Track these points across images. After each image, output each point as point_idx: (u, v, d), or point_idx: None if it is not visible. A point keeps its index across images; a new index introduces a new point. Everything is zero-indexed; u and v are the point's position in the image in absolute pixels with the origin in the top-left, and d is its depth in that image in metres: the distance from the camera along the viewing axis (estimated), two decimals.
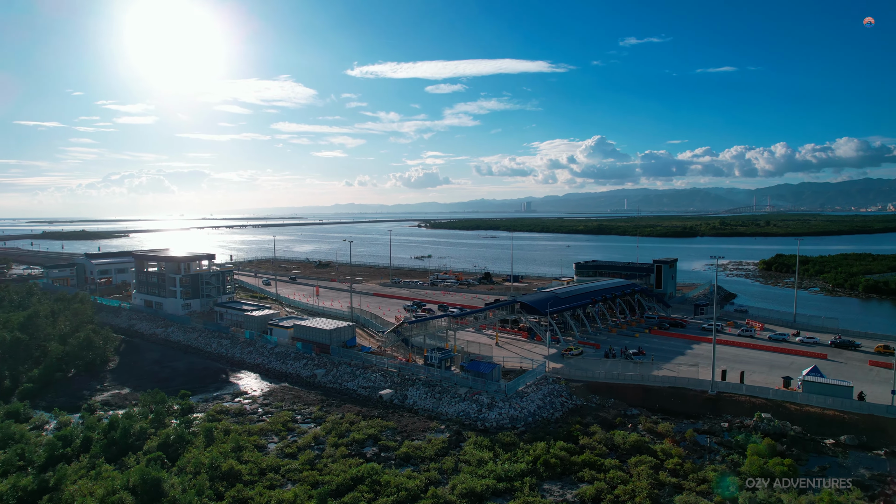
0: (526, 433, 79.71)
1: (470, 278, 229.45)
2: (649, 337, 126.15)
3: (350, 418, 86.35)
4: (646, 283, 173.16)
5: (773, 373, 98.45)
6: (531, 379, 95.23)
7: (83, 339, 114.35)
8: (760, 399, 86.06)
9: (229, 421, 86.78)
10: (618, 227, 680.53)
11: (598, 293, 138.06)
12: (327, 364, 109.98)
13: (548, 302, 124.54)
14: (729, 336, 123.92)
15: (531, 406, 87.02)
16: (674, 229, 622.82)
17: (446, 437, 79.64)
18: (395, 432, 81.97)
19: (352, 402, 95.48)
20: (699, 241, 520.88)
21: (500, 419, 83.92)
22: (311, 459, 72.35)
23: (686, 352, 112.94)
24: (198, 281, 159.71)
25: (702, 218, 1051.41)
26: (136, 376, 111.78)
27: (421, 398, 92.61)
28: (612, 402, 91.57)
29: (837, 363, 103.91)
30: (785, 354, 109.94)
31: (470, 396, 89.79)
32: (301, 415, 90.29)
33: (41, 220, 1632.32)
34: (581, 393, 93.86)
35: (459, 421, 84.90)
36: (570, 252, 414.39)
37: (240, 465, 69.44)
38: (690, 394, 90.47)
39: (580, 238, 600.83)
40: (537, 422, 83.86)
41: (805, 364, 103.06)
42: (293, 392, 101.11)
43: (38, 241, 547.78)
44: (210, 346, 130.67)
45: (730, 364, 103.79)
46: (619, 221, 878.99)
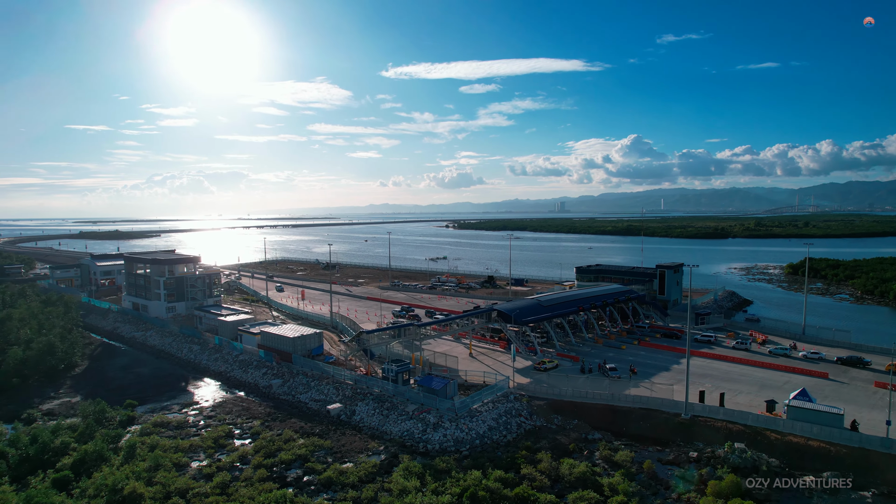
0: (467, 458, 72.66)
1: (472, 282, 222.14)
2: (636, 349, 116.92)
3: (287, 435, 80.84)
4: (648, 290, 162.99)
5: (762, 394, 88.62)
6: (490, 396, 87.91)
7: (45, 344, 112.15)
8: (738, 425, 76.76)
9: (165, 435, 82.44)
10: (647, 228, 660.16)
11: (587, 300, 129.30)
12: (285, 374, 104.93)
13: (525, 310, 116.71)
14: (722, 350, 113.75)
15: (481, 427, 79.80)
16: (705, 230, 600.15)
17: (380, 460, 73.30)
18: (328, 453, 76.04)
19: (300, 415, 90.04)
20: (730, 244, 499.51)
21: (444, 441, 77.01)
22: (225, 482, 66.98)
23: (672, 367, 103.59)
24: (183, 284, 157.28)
25: (737, 218, 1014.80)
26: (95, 383, 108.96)
27: (368, 414, 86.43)
28: (574, 423, 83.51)
29: (838, 384, 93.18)
30: (781, 372, 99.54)
31: (416, 415, 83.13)
32: (241, 429, 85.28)
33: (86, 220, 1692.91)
34: (543, 412, 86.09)
35: (401, 442, 78.38)
36: (590, 254, 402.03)
37: (147, 487, 64.51)
38: (662, 417, 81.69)
39: (606, 239, 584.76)
40: (485, 445, 76.64)
41: (802, 384, 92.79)
42: (244, 403, 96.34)
43: (70, 242, 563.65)
44: (181, 351, 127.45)
45: (716, 382, 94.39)
46: (649, 222, 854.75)
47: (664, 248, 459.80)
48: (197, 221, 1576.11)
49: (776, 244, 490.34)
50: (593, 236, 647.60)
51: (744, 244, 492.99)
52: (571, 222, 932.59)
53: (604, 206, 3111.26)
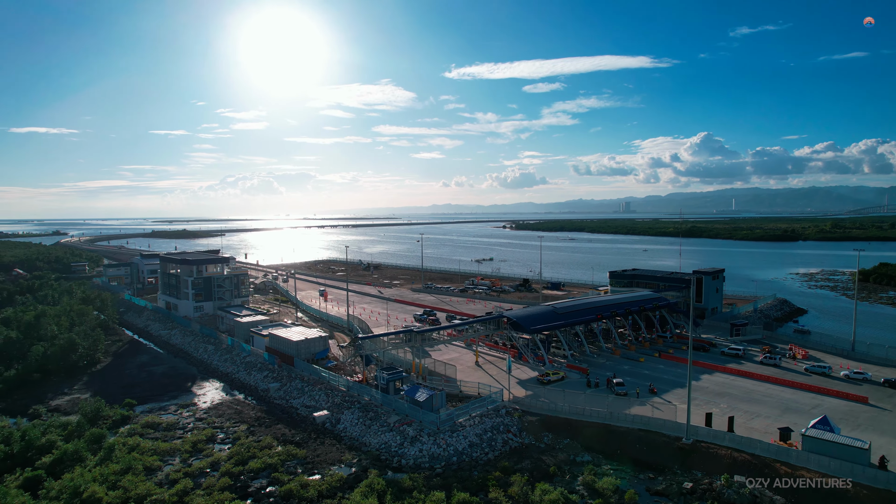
0: (438, 477, 68.48)
1: (507, 285, 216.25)
2: (655, 362, 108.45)
3: (267, 441, 79.38)
4: (685, 297, 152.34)
5: (784, 418, 79.39)
6: (480, 409, 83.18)
7: (66, 341, 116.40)
8: (745, 454, 68.58)
9: (150, 436, 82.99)
10: (710, 230, 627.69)
11: (608, 308, 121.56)
12: (284, 378, 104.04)
13: (536, 318, 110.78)
14: (751, 366, 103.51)
15: (461, 443, 75.28)
16: (773, 233, 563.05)
17: (349, 473, 70.30)
18: (300, 462, 73.84)
19: (288, 421, 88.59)
20: (799, 247, 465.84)
21: (419, 457, 73.09)
22: (186, 489, 65.93)
23: None
24: (210, 284, 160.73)
25: (813, 220, 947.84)
26: (109, 380, 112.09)
27: (352, 424, 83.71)
28: (565, 443, 77.50)
29: (879, 410, 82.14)
30: (813, 394, 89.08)
31: (396, 426, 79.59)
32: (225, 433, 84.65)
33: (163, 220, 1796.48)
34: (534, 429, 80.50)
35: (377, 455, 75.08)
36: (644, 256, 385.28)
37: (109, 491, 64.39)
38: (662, 440, 74.32)
39: (665, 241, 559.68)
40: (462, 463, 72.13)
41: (834, 408, 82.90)
42: (238, 406, 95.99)
43: (140, 240, 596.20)
44: (197, 350, 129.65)
45: (734, 403, 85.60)
46: (715, 223, 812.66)
47: (724, 251, 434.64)
48: (265, 221, 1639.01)
49: (852, 248, 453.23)
50: (653, 238, 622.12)
51: (815, 247, 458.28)
52: (632, 223, 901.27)
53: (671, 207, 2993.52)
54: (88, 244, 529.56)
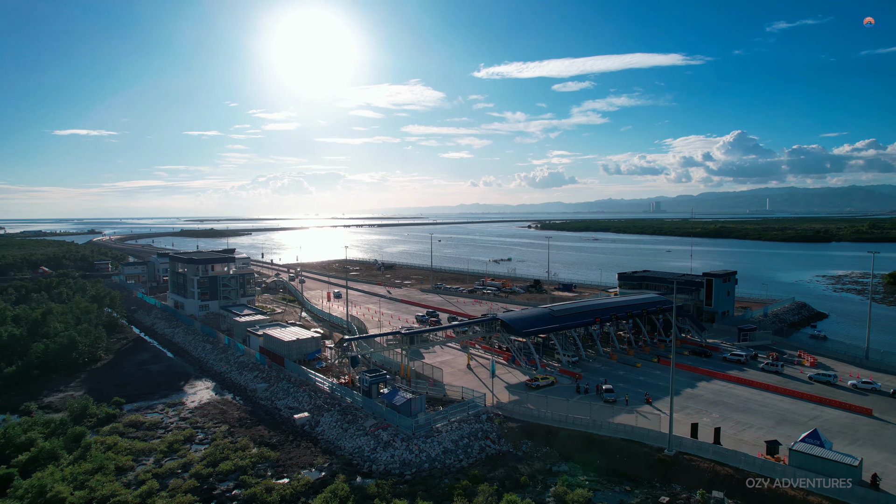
0: (405, 485, 66.71)
1: (517, 286, 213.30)
2: (653, 368, 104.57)
3: (243, 443, 78.81)
4: (695, 300, 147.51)
5: (778, 430, 75.29)
6: (460, 414, 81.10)
7: (67, 338, 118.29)
8: (728, 468, 64.96)
9: (131, 435, 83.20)
10: (739, 231, 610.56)
11: (608, 311, 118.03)
12: (272, 378, 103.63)
13: (530, 321, 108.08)
14: (752, 373, 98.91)
15: (435, 449, 73.34)
16: (806, 233, 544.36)
17: (317, 477, 69.08)
18: (272, 465, 72.98)
19: (269, 422, 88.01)
20: (832, 248, 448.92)
21: (390, 463, 71.42)
22: (151, 490, 65.55)
23: (683, 391, 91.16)
24: (216, 283, 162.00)
25: (851, 220, 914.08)
26: (105, 378, 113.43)
27: (330, 427, 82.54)
28: (544, 451, 74.88)
29: (882, 423, 77.21)
30: (814, 404, 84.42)
31: (371, 431, 78.12)
32: (205, 433, 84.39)
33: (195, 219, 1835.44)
34: (514, 436, 78.05)
35: (349, 459, 73.72)
36: (667, 257, 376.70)
37: (76, 491, 64.48)
38: (644, 451, 71.08)
39: (689, 242, 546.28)
40: (434, 470, 70.18)
41: (834, 420, 78.45)
42: (224, 406, 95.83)
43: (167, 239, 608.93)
44: (196, 349, 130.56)
45: (727, 413, 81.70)
46: (745, 223, 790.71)
47: (751, 251, 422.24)
48: (294, 221, 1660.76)
49: (891, 248, 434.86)
50: (680, 238, 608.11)
51: (849, 249, 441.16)
52: (660, 223, 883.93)
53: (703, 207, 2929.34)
54: (118, 243, 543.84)
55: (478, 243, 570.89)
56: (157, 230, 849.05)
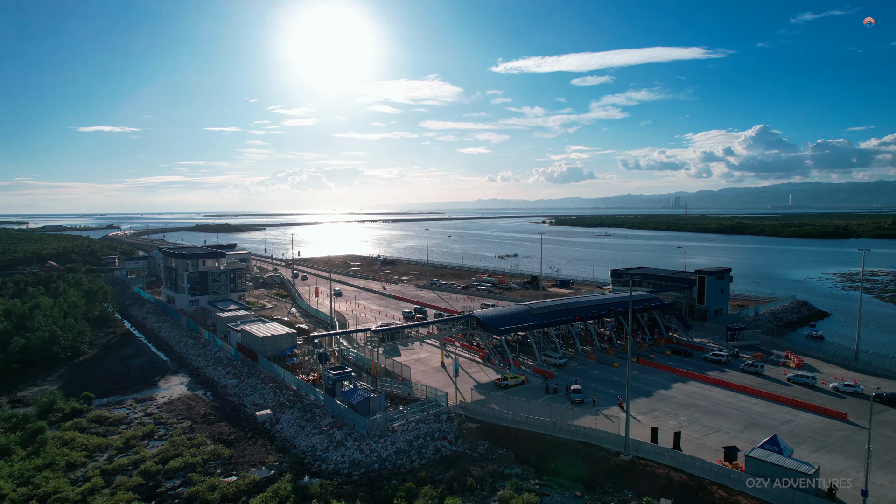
0: (351, 485, 65.31)
1: (514, 282, 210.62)
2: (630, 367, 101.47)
3: (200, 440, 78.15)
4: (687, 298, 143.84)
5: (746, 434, 72.37)
6: (420, 414, 79.48)
7: (48, 333, 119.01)
8: (683, 474, 62.37)
9: (92, 431, 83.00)
10: (756, 227, 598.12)
11: (589, 309, 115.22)
12: (243, 374, 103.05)
13: (504, 319, 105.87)
14: (731, 374, 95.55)
15: (387, 450, 71.80)
16: (824, 229, 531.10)
17: (265, 476, 68.05)
18: (223, 463, 72.18)
19: (232, 419, 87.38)
20: (849, 244, 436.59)
21: (340, 462, 70.09)
22: (95, 487, 65.02)
23: (656, 392, 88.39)
24: (206, 278, 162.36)
25: (875, 216, 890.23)
26: (83, 373, 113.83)
27: (289, 424, 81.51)
28: (500, 453, 72.89)
29: (856, 429, 73.76)
30: (788, 407, 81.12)
31: (326, 429, 76.88)
32: (166, 429, 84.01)
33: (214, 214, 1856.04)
34: (472, 437, 76.17)
35: (301, 458, 72.58)
36: (677, 254, 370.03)
37: (19, 488, 64.25)
38: (600, 454, 68.71)
39: (704, 238, 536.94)
40: (383, 471, 68.66)
41: (808, 424, 75.30)
42: (193, 402, 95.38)
43: (181, 234, 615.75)
44: (179, 344, 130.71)
45: (696, 416, 78.87)
46: (762, 220, 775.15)
47: (764, 248, 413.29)
48: (312, 216, 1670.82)
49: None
50: (694, 234, 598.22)
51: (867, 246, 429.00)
52: (676, 219, 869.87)
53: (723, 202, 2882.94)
54: (133, 238, 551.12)
55: (488, 239, 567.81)
56: (172, 225, 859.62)
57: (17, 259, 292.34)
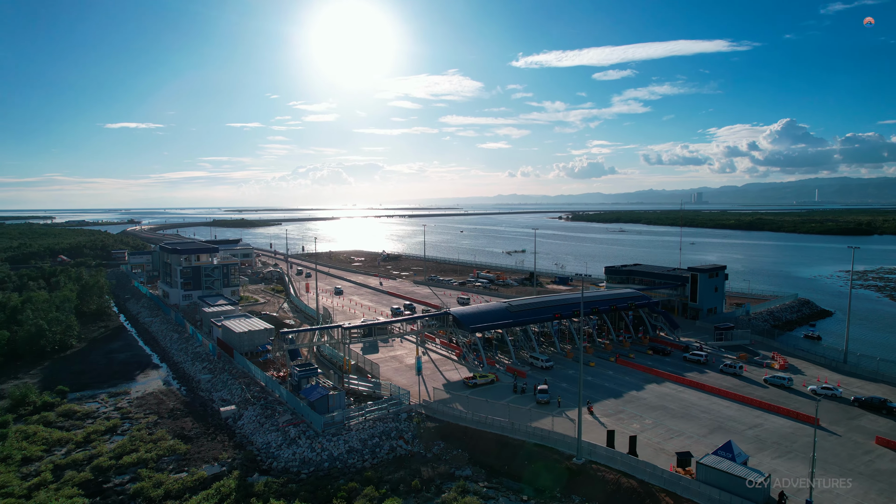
0: (297, 483, 64.51)
1: (512, 278, 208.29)
2: (607, 367, 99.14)
3: (159, 435, 78.26)
4: (680, 296, 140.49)
5: (708, 439, 69.79)
6: (380, 412, 78.43)
7: (34, 326, 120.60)
8: (633, 480, 60.28)
9: (58, 425, 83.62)
10: (775, 223, 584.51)
11: (569, 307, 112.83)
12: (217, 370, 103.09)
13: (480, 316, 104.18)
14: (710, 375, 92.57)
15: (339, 448, 70.89)
16: (846, 225, 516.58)
17: (213, 473, 67.60)
18: (178, 459, 72.02)
19: (198, 414, 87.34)
20: (871, 241, 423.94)
21: (290, 460, 69.39)
22: (43, 482, 65.31)
23: (626, 394, 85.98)
24: (199, 273, 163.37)
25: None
26: (66, 366, 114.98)
27: (250, 421, 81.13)
28: (455, 453, 71.44)
29: (825, 434, 70.60)
30: (759, 410, 78.15)
31: (282, 426, 76.25)
32: (132, 423, 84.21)
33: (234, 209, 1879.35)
34: (429, 437, 74.86)
35: (254, 455, 72.08)
36: (689, 250, 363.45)
37: None
38: (554, 458, 66.81)
39: (721, 234, 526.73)
40: (334, 469, 67.75)
41: (777, 429, 72.46)
42: (164, 397, 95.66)
43: (196, 229, 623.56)
44: (165, 339, 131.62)
45: (661, 419, 76.43)
46: (783, 215, 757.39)
47: (779, 244, 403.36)
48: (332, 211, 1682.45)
49: None
50: (711, 230, 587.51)
51: (890, 242, 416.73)
52: (695, 215, 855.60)
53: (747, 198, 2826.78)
54: (149, 232, 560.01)
55: (499, 234, 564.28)
56: (191, 220, 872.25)
57: (31, 253, 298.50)
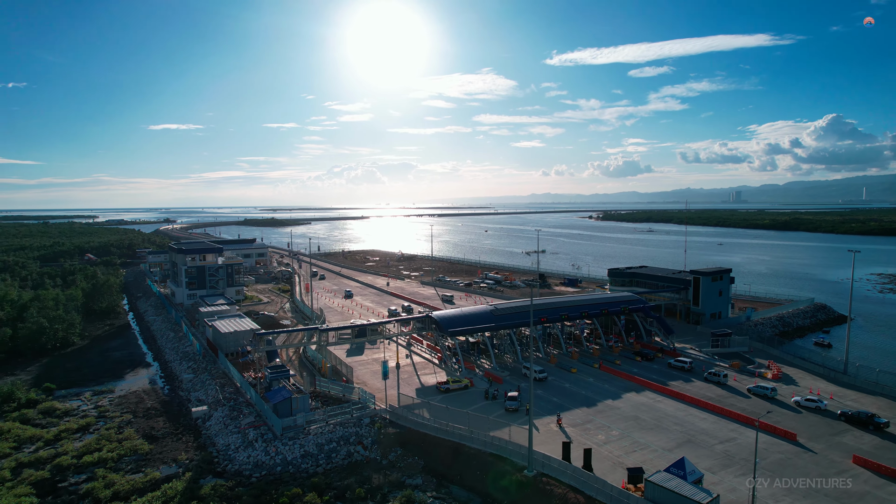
0: (245, 487, 64.12)
1: (521, 280, 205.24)
2: (588, 374, 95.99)
3: (127, 434, 79.27)
4: (682, 300, 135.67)
5: (676, 452, 66.43)
6: (342, 416, 77.59)
7: (35, 324, 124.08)
8: (580, 496, 57.71)
9: (36, 422, 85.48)
10: (813, 223, 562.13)
11: (558, 310, 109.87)
12: (199, 370, 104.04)
13: (460, 319, 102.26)
14: (694, 383, 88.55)
15: (294, 453, 70.25)
16: (890, 226, 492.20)
17: (167, 474, 67.82)
18: (138, 459, 72.61)
19: (172, 414, 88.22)
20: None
21: (244, 464, 69.10)
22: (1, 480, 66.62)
23: (600, 402, 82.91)
24: (203, 272, 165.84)
25: None
26: (62, 363, 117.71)
27: (217, 422, 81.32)
28: (410, 461, 69.99)
29: (801, 451, 66.42)
30: (736, 423, 74.12)
31: (242, 429, 76.10)
32: (106, 422, 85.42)
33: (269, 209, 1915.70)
34: (388, 443, 73.61)
35: (212, 457, 72.09)
36: (715, 251, 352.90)
37: None
38: (506, 468, 64.66)
39: (752, 234, 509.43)
40: (286, 474, 67.13)
41: (749, 444, 68.56)
42: (145, 396, 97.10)
43: (227, 228, 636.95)
44: (162, 338, 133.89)
45: (630, 430, 73.31)
46: (824, 215, 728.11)
47: (812, 245, 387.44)
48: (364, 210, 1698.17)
49: None
50: (744, 231, 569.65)
51: None
52: (729, 214, 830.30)
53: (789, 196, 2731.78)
54: (181, 231, 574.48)
55: (524, 234, 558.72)
56: (224, 219, 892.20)
57: (61, 252, 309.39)
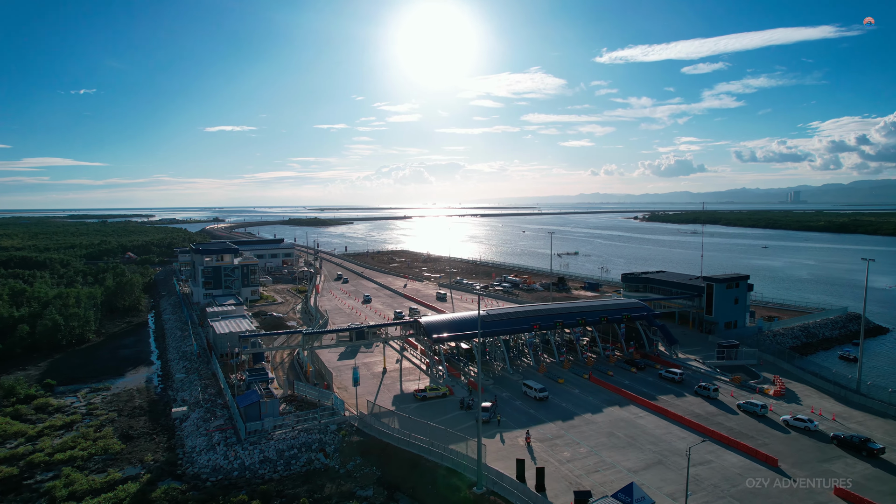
0: (196, 491, 64.15)
1: (539, 283, 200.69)
2: (575, 385, 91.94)
3: (104, 433, 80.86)
4: (696, 307, 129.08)
5: (643, 474, 62.50)
6: (308, 422, 76.86)
7: (50, 321, 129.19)
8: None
9: (27, 418, 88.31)
10: (873, 225, 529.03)
11: (552, 317, 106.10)
12: (191, 370, 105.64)
13: (446, 325, 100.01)
14: (684, 398, 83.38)
15: (253, 458, 69.86)
16: None
17: (128, 475, 68.71)
18: (107, 459, 73.97)
19: (155, 414, 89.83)
20: None
21: (204, 467, 69.22)
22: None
23: (577, 417, 79.10)
24: (219, 273, 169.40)
25: None
26: (71, 360, 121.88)
27: (191, 423, 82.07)
28: (367, 471, 68.39)
29: (778, 478, 60.98)
30: (717, 444, 68.91)
31: (210, 431, 76.37)
32: (91, 420, 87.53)
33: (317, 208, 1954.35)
34: (350, 451, 72.26)
35: (176, 459, 72.62)
36: (757, 254, 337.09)
37: None
38: (456, 483, 62.25)
39: (804, 237, 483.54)
40: (241, 480, 66.78)
41: (727, 466, 63.92)
42: (136, 395, 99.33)
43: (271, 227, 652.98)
44: (171, 336, 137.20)
45: (600, 448, 69.57)
46: (888, 216, 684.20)
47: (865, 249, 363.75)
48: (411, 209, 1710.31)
49: None
50: (796, 233, 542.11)
51: None
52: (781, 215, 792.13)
53: (854, 196, 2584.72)
54: (225, 231, 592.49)
55: (563, 235, 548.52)
56: (270, 218, 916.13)
57: (106, 250, 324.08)
